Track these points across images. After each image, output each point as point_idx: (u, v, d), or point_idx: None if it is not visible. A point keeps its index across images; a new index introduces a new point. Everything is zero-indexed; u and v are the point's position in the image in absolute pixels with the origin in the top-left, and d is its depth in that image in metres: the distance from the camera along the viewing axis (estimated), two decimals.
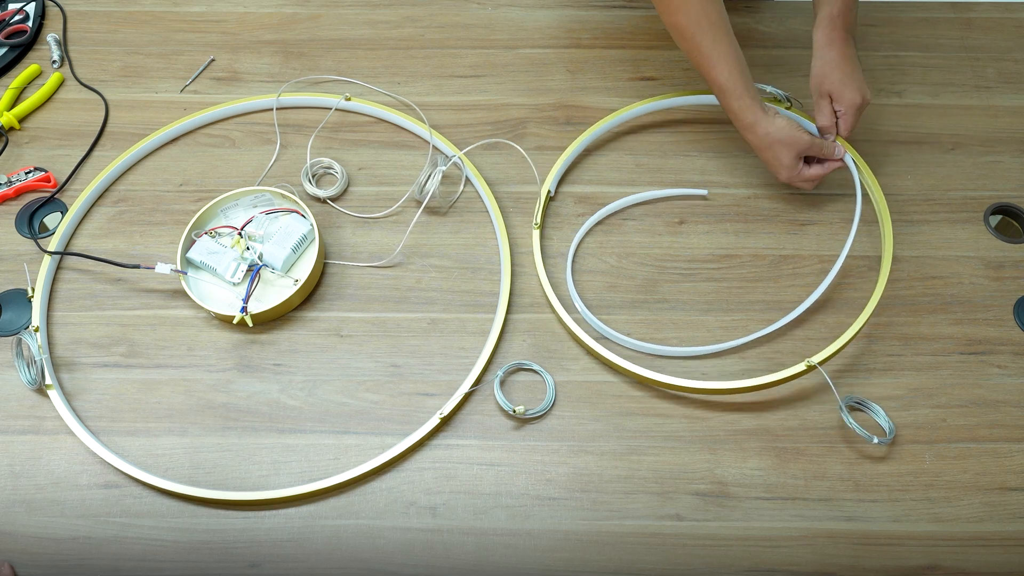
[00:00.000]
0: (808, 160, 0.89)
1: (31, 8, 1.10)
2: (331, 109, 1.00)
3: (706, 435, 0.80)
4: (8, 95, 1.01)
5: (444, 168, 0.89)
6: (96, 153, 0.98)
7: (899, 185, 0.94)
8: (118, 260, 0.87)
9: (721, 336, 0.85)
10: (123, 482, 0.78)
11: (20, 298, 0.88)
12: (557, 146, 0.97)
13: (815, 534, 0.76)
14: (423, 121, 0.98)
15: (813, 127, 0.90)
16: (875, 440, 0.76)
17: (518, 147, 0.95)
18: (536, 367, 0.83)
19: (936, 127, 0.99)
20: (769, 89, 0.93)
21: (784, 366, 0.83)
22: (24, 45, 1.07)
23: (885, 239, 0.88)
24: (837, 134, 0.89)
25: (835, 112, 0.88)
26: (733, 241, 0.91)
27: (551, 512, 0.77)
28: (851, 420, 0.76)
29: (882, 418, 0.79)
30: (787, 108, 0.93)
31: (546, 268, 0.87)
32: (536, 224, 0.89)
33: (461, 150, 0.94)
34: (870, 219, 0.92)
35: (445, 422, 0.80)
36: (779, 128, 0.84)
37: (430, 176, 0.90)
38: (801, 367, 0.79)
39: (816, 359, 0.79)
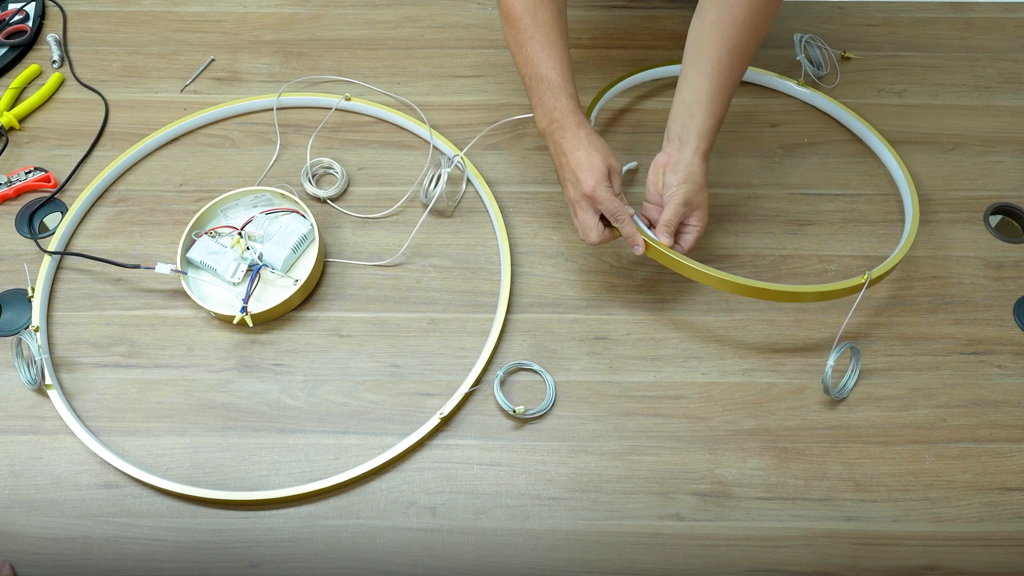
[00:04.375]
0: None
1: (31, 8, 1.10)
2: (331, 109, 1.00)
3: (706, 435, 0.80)
4: (8, 95, 1.01)
5: (448, 170, 0.89)
6: (96, 153, 0.98)
7: None
8: (118, 260, 0.87)
9: (721, 336, 0.85)
10: (123, 482, 0.78)
11: (20, 298, 0.88)
12: None
13: (815, 534, 0.76)
14: (423, 121, 0.98)
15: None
16: (825, 386, 0.80)
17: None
18: (536, 367, 0.83)
19: (936, 127, 0.99)
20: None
21: (783, 364, 0.83)
22: (24, 45, 1.07)
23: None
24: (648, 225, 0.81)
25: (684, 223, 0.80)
26: (733, 241, 0.91)
27: (551, 512, 0.77)
28: (830, 370, 0.78)
29: (850, 380, 0.81)
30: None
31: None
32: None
33: (461, 149, 0.94)
34: (874, 219, 0.92)
35: (445, 422, 0.80)
36: (601, 140, 0.78)
37: (433, 178, 0.89)
38: (860, 278, 0.79)
39: (876, 272, 0.80)
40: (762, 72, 1.01)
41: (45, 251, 0.89)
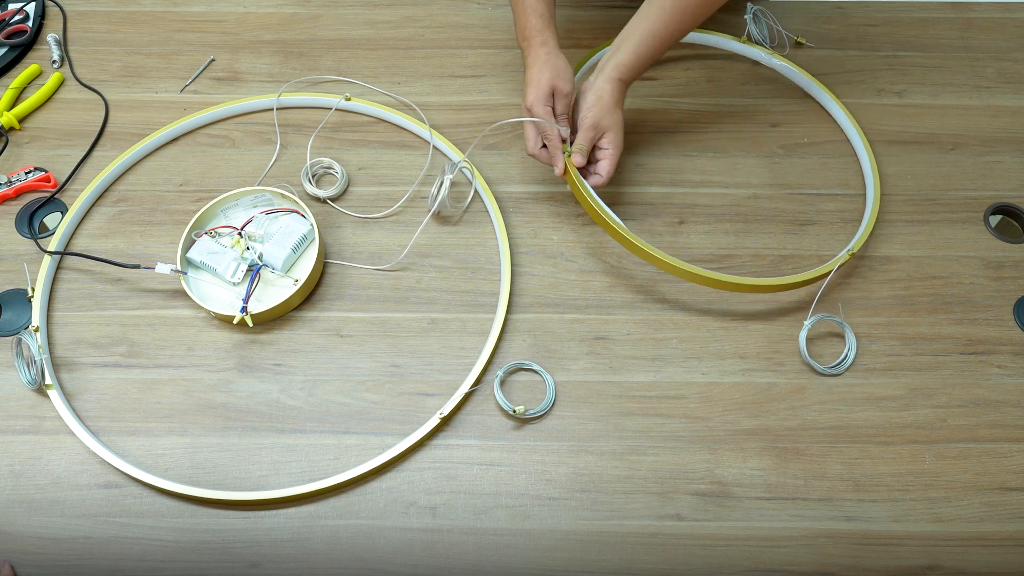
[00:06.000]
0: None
1: (31, 8, 1.10)
2: (331, 109, 1.00)
3: (706, 435, 0.80)
4: (8, 95, 1.01)
5: (452, 176, 0.89)
6: (96, 153, 0.98)
7: (899, 185, 0.95)
8: (118, 260, 0.87)
9: (721, 336, 0.85)
10: (123, 482, 0.78)
11: (20, 298, 0.88)
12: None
13: (815, 534, 0.76)
14: (423, 121, 0.98)
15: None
16: (813, 363, 0.82)
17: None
18: (536, 367, 0.83)
19: (936, 127, 0.99)
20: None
21: (783, 364, 0.83)
22: (24, 45, 1.07)
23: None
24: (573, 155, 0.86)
25: (598, 147, 0.86)
26: (733, 241, 0.91)
27: (551, 512, 0.77)
28: (805, 344, 0.80)
29: (849, 352, 0.83)
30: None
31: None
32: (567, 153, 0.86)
33: (461, 150, 0.94)
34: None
35: (445, 422, 0.80)
36: (558, 61, 0.85)
37: (440, 184, 0.89)
38: (844, 255, 0.85)
39: (856, 247, 0.85)
40: (708, 32, 1.04)
41: (45, 251, 0.89)
